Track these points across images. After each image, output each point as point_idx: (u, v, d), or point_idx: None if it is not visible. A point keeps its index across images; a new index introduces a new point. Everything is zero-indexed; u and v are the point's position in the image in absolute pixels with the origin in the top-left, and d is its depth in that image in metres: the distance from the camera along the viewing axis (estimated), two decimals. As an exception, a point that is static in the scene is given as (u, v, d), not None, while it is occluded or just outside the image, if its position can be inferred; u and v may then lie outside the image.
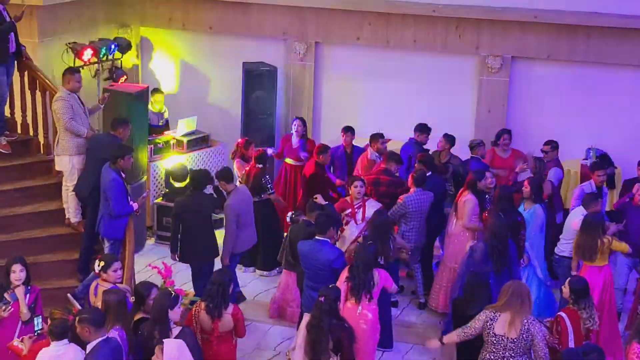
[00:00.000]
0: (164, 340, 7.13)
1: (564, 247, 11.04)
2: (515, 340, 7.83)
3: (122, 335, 7.58)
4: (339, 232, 10.20)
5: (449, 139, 12.60)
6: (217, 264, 10.76)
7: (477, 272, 9.47)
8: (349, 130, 13.22)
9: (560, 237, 10.96)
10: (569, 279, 9.07)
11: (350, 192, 11.07)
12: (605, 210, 11.95)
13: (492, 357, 7.98)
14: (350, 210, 10.94)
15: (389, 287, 9.21)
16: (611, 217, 11.38)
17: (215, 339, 8.23)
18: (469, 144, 12.70)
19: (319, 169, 12.39)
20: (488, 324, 7.97)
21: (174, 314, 7.71)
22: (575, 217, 10.89)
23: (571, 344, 8.21)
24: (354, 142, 13.31)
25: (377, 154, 12.69)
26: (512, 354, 7.91)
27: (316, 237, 9.49)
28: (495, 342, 7.92)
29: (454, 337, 8.45)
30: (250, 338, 9.74)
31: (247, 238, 11.16)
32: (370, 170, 12.31)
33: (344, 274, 9.07)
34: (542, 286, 11.08)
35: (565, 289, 8.65)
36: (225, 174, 10.97)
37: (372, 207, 10.90)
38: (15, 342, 7.85)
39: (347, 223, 10.85)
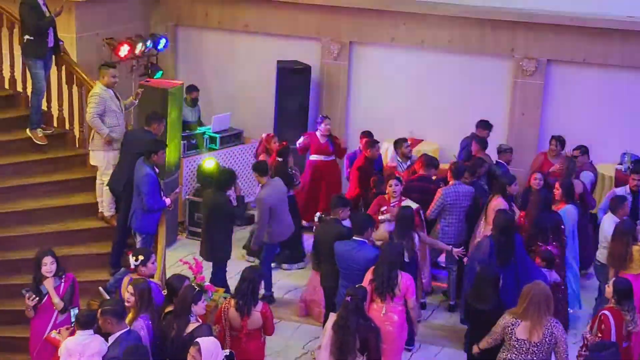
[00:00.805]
0: (198, 340, 7.02)
1: (601, 253, 10.90)
2: (538, 344, 7.82)
3: (148, 325, 7.67)
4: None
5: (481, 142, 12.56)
6: (235, 266, 10.90)
7: (485, 267, 9.41)
8: (367, 136, 13.12)
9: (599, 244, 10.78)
10: (613, 279, 9.08)
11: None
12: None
13: (514, 358, 7.97)
14: (386, 207, 10.95)
15: (409, 298, 9.04)
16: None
17: (244, 336, 8.19)
18: (498, 148, 12.71)
19: (368, 163, 12.45)
20: (509, 329, 7.94)
21: (199, 308, 7.78)
22: (607, 224, 10.78)
23: None
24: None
25: (398, 158, 12.67)
26: (535, 357, 7.89)
27: (354, 238, 9.48)
28: (517, 346, 7.90)
29: (484, 343, 8.38)
30: (278, 336, 9.66)
31: (285, 228, 11.30)
32: (387, 175, 12.11)
33: (369, 274, 9.04)
34: (577, 281, 11.28)
35: (609, 289, 8.53)
36: (260, 167, 11.15)
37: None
38: (53, 333, 7.92)
39: (382, 222, 10.85)
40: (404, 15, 13.97)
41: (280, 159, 12.33)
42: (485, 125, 12.77)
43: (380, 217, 10.92)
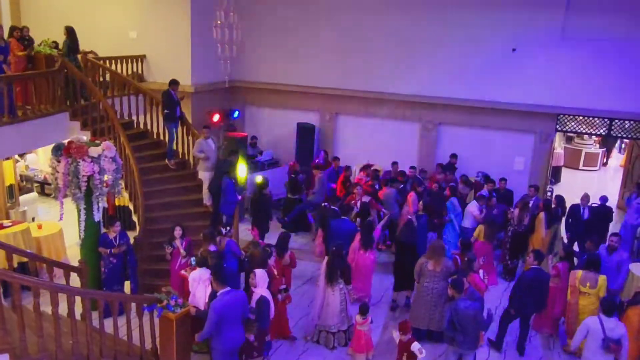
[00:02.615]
0: (255, 270, 7.14)
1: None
2: (438, 272, 7.79)
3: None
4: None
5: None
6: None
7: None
8: (337, 159, 13.25)
9: None
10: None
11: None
12: None
13: (427, 284, 7.86)
14: (354, 201, 10.75)
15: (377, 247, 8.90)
16: None
17: (279, 269, 7.97)
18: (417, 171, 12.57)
19: (345, 178, 12.40)
20: (424, 266, 7.88)
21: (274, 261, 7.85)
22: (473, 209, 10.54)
23: None
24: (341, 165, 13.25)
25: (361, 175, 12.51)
26: (436, 280, 7.81)
27: (342, 217, 9.51)
28: (428, 274, 7.85)
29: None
30: (299, 269, 9.45)
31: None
32: (355, 184, 11.53)
33: (358, 235, 9.01)
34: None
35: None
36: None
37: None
38: (182, 271, 7.97)
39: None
40: (365, 100, 13.79)
41: (293, 175, 12.42)
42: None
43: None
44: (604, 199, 10.90)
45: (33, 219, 11.82)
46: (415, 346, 6.85)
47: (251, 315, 6.70)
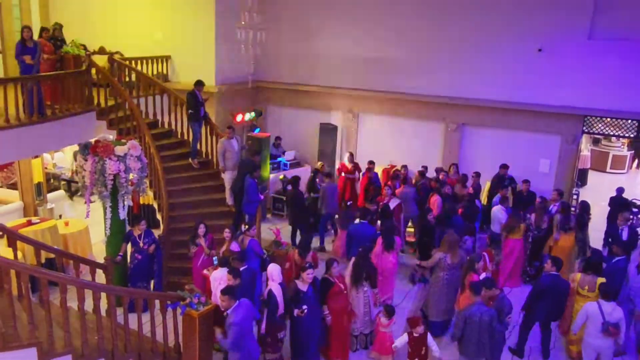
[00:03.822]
0: (271, 264, 7.26)
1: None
2: (456, 263, 7.96)
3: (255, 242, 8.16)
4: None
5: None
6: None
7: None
8: (372, 164, 12.95)
9: None
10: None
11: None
12: None
13: (445, 275, 7.99)
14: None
15: (398, 249, 8.73)
16: None
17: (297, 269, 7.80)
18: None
19: (368, 179, 12.56)
20: (442, 261, 7.99)
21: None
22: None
23: None
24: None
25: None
26: (453, 271, 7.96)
27: (362, 221, 9.42)
28: (445, 267, 7.97)
29: (427, 263, 8.45)
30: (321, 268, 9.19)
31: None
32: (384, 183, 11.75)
33: (380, 239, 8.87)
34: None
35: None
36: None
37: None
38: (205, 270, 7.96)
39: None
40: (388, 100, 13.77)
41: (311, 174, 12.37)
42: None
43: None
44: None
45: (60, 216, 12.04)
46: (431, 342, 6.85)
47: (257, 315, 6.76)
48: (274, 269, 7.09)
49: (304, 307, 6.88)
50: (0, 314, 5.80)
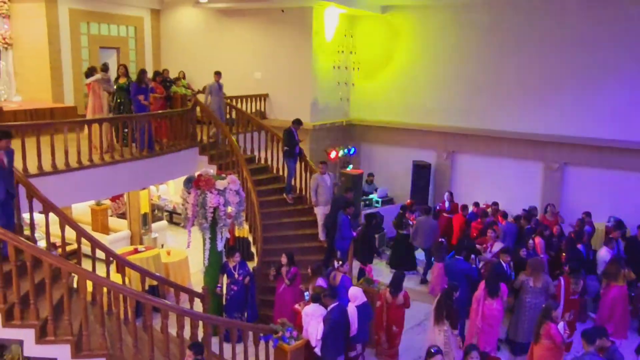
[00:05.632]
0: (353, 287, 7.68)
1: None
2: (539, 288, 8.19)
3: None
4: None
5: None
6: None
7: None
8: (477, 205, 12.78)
9: None
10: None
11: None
12: None
13: (529, 299, 8.26)
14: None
15: (503, 298, 8.25)
16: None
17: (394, 308, 8.13)
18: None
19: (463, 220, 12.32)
20: (525, 283, 8.30)
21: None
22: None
23: None
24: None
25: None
26: (537, 295, 8.20)
27: (457, 257, 9.21)
28: (528, 290, 8.24)
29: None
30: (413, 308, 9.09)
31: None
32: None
33: (482, 284, 8.35)
34: None
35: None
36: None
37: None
38: (297, 305, 7.99)
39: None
40: (484, 138, 13.64)
41: (400, 211, 12.27)
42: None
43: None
44: None
45: (162, 246, 12.70)
46: None
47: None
48: (357, 291, 7.50)
49: None
50: (110, 336, 6.16)
